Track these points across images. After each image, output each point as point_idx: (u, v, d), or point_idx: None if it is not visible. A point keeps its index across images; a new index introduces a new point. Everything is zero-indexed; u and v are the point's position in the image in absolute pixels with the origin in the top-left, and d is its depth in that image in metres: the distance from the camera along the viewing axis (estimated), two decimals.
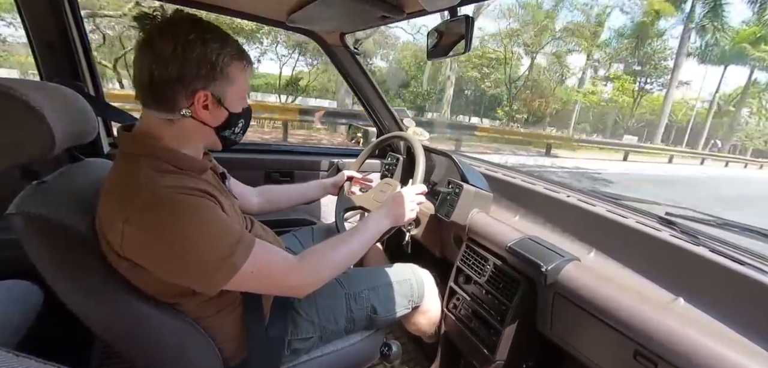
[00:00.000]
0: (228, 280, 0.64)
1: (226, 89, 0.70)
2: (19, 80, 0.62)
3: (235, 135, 0.78)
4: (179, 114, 0.67)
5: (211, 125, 0.72)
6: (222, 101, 0.70)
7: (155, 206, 0.60)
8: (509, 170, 1.44)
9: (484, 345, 1.03)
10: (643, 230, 0.88)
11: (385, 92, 2.64)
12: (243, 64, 0.72)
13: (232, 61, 0.69)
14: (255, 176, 1.59)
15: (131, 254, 0.61)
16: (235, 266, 0.64)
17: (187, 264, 0.62)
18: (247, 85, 0.76)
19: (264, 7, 1.22)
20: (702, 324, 0.68)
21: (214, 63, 0.66)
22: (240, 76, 0.72)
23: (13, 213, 0.62)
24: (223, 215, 0.69)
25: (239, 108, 0.75)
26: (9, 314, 0.88)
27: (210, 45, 0.65)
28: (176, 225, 0.60)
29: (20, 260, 0.69)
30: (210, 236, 0.63)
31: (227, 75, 0.69)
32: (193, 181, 0.69)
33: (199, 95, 0.67)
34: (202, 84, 0.66)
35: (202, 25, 0.66)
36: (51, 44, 1.09)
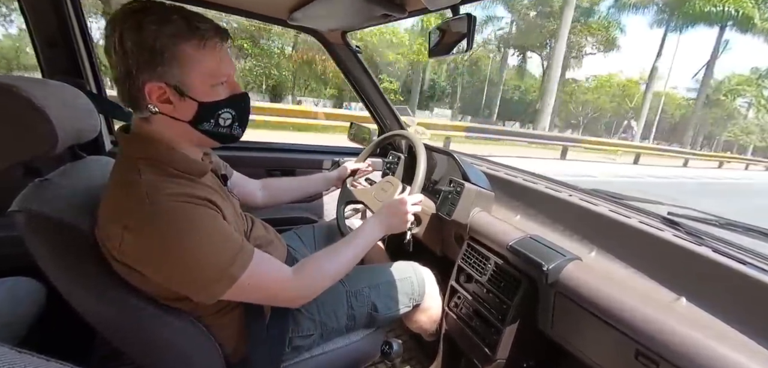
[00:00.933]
0: (225, 291, 0.63)
1: (184, 76, 0.61)
2: (21, 78, 0.62)
3: (222, 128, 0.69)
4: (148, 111, 0.63)
5: (183, 120, 0.65)
6: (182, 90, 0.62)
7: (155, 215, 0.59)
8: (510, 168, 1.44)
9: (485, 344, 1.03)
10: (646, 230, 0.87)
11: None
12: (197, 41, 0.61)
13: (177, 42, 0.59)
14: (256, 175, 1.58)
15: (129, 260, 0.61)
16: (233, 278, 0.63)
17: (185, 274, 0.61)
18: (217, 68, 0.65)
19: (265, 4, 1.22)
20: (704, 325, 0.68)
21: (151, 48, 0.58)
22: (197, 57, 0.62)
23: (16, 210, 0.62)
24: (224, 223, 0.67)
25: (215, 96, 0.66)
26: (11, 311, 0.88)
27: (145, 28, 0.57)
28: (176, 236, 0.59)
29: (23, 258, 0.69)
30: (209, 247, 0.62)
31: (176, 59, 0.60)
32: (193, 186, 0.67)
33: (149, 88, 0.60)
34: (148, 75, 0.59)
35: (140, 11, 0.58)
36: (53, 42, 1.09)
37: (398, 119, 1.79)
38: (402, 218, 0.96)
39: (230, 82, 0.69)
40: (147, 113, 0.64)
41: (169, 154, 0.67)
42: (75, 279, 0.66)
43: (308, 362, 0.93)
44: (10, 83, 0.58)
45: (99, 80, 1.25)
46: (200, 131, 0.67)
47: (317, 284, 0.78)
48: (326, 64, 16.19)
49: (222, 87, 0.67)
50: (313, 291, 0.77)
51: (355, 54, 1.55)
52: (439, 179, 1.49)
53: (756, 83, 28.96)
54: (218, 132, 0.69)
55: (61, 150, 0.65)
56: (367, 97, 1.72)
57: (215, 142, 0.72)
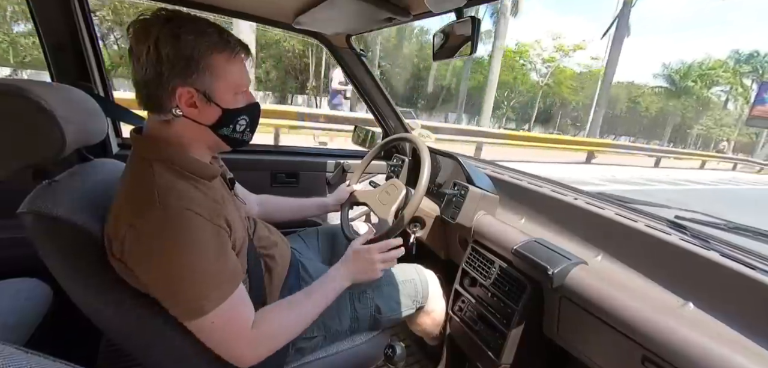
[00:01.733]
0: (190, 320, 0.64)
1: (212, 84, 0.67)
2: (30, 81, 0.63)
3: (237, 134, 0.74)
4: (171, 114, 0.66)
5: (205, 124, 0.69)
6: (210, 96, 0.67)
7: (162, 219, 0.60)
8: (515, 172, 1.43)
9: (489, 348, 1.02)
10: (653, 234, 0.86)
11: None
12: (228, 54, 0.67)
13: (212, 53, 0.65)
14: (261, 177, 1.60)
15: (128, 257, 0.61)
16: (203, 310, 0.63)
17: (168, 285, 0.63)
18: (241, 79, 0.71)
19: (271, 9, 1.23)
20: (712, 330, 0.67)
21: (189, 57, 0.63)
22: (227, 67, 0.68)
23: (24, 212, 0.63)
24: (220, 245, 0.67)
25: (236, 103, 0.71)
26: (19, 311, 0.89)
27: (183, 38, 0.62)
28: (175, 245, 0.61)
29: (30, 259, 0.70)
30: (200, 268, 0.63)
31: (209, 68, 0.65)
32: (204, 194, 0.68)
33: (180, 93, 0.64)
34: (181, 81, 0.64)
35: (177, 20, 0.63)
36: (62, 46, 1.10)
37: (402, 122, 1.79)
38: (370, 269, 0.92)
39: (247, 93, 0.75)
40: (169, 116, 0.67)
41: (183, 156, 0.69)
42: (82, 280, 0.66)
43: (311, 365, 0.93)
44: (20, 86, 0.59)
45: (106, 83, 1.27)
46: (218, 134, 0.72)
47: (274, 342, 0.75)
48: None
49: (241, 96, 0.73)
50: (269, 350, 0.74)
51: (360, 57, 1.55)
52: (444, 182, 1.48)
53: (734, 70, 26.72)
54: (233, 137, 0.74)
55: (69, 153, 0.66)
56: (371, 100, 1.72)
57: (228, 146, 0.76)
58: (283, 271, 0.94)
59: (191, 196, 0.65)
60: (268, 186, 1.60)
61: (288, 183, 1.66)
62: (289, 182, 1.66)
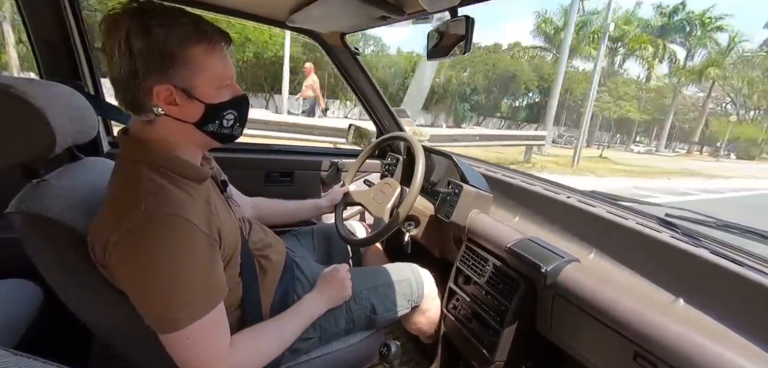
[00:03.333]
0: (163, 333, 0.61)
1: (192, 79, 0.62)
2: (19, 79, 0.62)
3: (225, 129, 0.70)
4: (152, 113, 0.63)
5: (189, 121, 0.66)
6: (190, 92, 0.63)
7: (145, 225, 0.58)
8: (509, 170, 1.44)
9: (483, 346, 1.03)
10: (644, 232, 0.88)
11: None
12: (206, 45, 0.62)
13: (188, 46, 0.61)
14: (255, 177, 1.59)
15: (109, 260, 0.60)
16: (176, 324, 0.60)
17: (144, 293, 0.60)
18: (223, 71, 0.66)
19: (264, 7, 1.22)
20: (702, 326, 0.68)
21: (163, 52, 0.59)
22: (206, 59, 0.63)
23: (13, 212, 0.62)
24: (206, 257, 0.64)
25: (220, 97, 0.67)
26: (8, 313, 0.87)
27: (154, 32, 0.58)
28: (151, 255, 0.58)
29: (19, 259, 0.69)
30: (179, 280, 0.60)
31: (186, 62, 0.61)
32: (195, 194, 0.67)
33: (157, 91, 0.61)
34: (157, 78, 0.60)
35: (149, 13, 0.58)
36: (51, 43, 1.09)
37: (397, 120, 1.79)
38: (341, 285, 0.95)
39: (232, 85, 0.70)
40: (151, 116, 0.64)
41: (171, 158, 0.66)
42: (71, 280, 0.65)
43: (306, 365, 0.93)
44: (8, 84, 0.58)
45: (97, 82, 1.25)
46: (204, 131, 0.68)
47: (251, 365, 0.72)
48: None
49: (226, 89, 0.69)
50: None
51: (354, 56, 1.55)
52: (438, 180, 1.49)
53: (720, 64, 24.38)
54: (221, 133, 0.70)
55: (59, 151, 0.65)
56: (365, 99, 1.72)
57: (217, 142, 0.72)
58: (278, 271, 0.94)
59: (179, 200, 0.63)
60: (262, 185, 1.59)
61: (282, 182, 1.65)
62: (283, 181, 1.66)
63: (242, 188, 1.13)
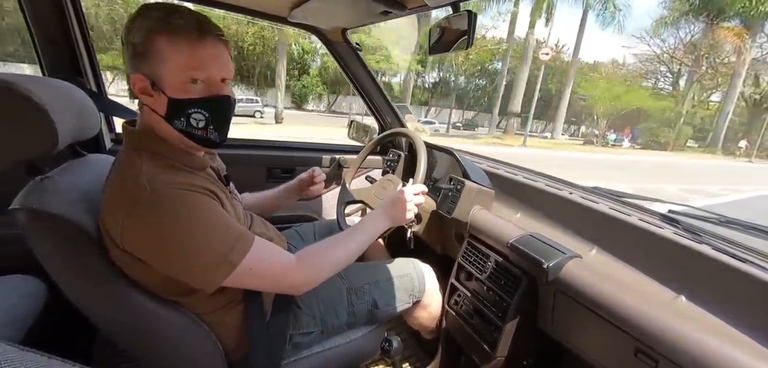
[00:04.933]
0: (226, 277, 0.64)
1: (157, 69, 0.62)
2: (21, 76, 0.62)
3: (194, 130, 0.67)
4: (139, 103, 0.67)
5: (159, 113, 0.66)
6: (157, 84, 0.63)
7: (156, 202, 0.60)
8: (511, 166, 1.44)
9: (484, 342, 1.03)
10: (646, 228, 0.87)
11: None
12: (169, 35, 0.61)
13: (152, 35, 0.61)
14: (256, 173, 1.59)
15: (131, 247, 0.62)
16: (233, 264, 0.64)
17: (185, 261, 0.62)
18: (191, 64, 0.63)
19: (265, 2, 1.22)
20: (704, 322, 0.68)
21: (136, 42, 0.62)
22: (170, 50, 0.61)
23: (17, 208, 0.62)
24: (223, 212, 0.68)
25: (185, 94, 0.64)
26: (13, 309, 0.88)
27: (135, 21, 0.62)
28: (176, 222, 0.61)
29: (24, 256, 0.69)
30: (209, 233, 0.63)
31: (153, 52, 0.61)
32: (193, 177, 0.69)
33: (133, 79, 0.64)
34: (131, 66, 0.64)
35: (144, 8, 0.63)
36: (53, 40, 1.09)
37: (399, 116, 1.78)
38: (404, 209, 0.95)
39: (209, 82, 0.66)
40: (140, 104, 0.68)
41: (169, 145, 0.69)
42: (76, 276, 0.66)
43: (308, 359, 0.93)
44: (10, 81, 0.58)
45: (99, 79, 1.25)
46: (175, 128, 0.67)
47: (320, 271, 0.77)
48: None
49: (198, 85, 0.65)
50: (316, 278, 0.77)
51: (356, 52, 1.55)
52: (440, 177, 1.49)
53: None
54: (191, 133, 0.67)
55: (61, 148, 0.65)
56: (367, 94, 1.72)
57: (192, 142, 0.69)
58: None
59: (181, 179, 0.65)
60: (263, 181, 1.60)
61: (284, 178, 1.65)
62: (284, 177, 1.66)
63: (244, 184, 1.13)
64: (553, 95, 29.50)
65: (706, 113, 29.22)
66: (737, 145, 26.02)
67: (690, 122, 27.22)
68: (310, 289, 0.77)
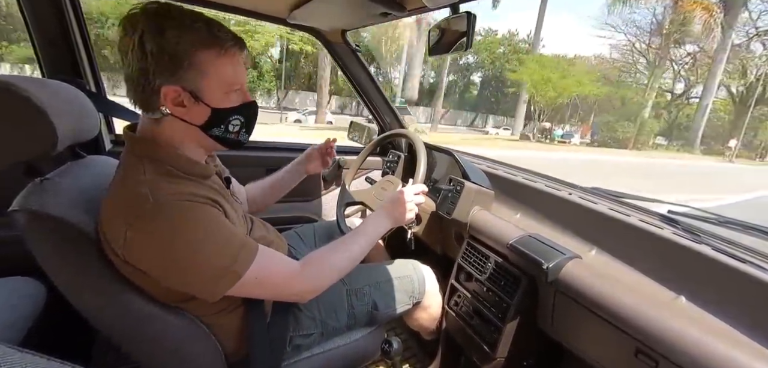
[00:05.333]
0: (230, 287, 0.64)
1: (200, 82, 0.63)
2: (21, 77, 0.62)
3: (230, 134, 0.71)
4: (160, 113, 0.64)
5: (195, 124, 0.67)
6: (198, 95, 0.64)
7: (158, 214, 0.60)
8: (511, 167, 1.44)
9: (484, 342, 1.03)
10: (645, 229, 0.87)
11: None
12: (217, 50, 0.64)
13: (198, 49, 0.62)
14: (256, 173, 1.58)
15: (133, 259, 0.61)
16: (238, 275, 0.64)
17: (188, 273, 0.62)
18: (233, 76, 0.67)
19: (265, 4, 1.22)
20: (703, 323, 0.68)
21: (173, 54, 0.60)
22: (216, 64, 0.64)
23: (17, 210, 0.62)
24: (227, 222, 0.68)
25: (227, 103, 0.68)
26: (12, 310, 0.88)
27: (166, 34, 0.59)
28: (179, 234, 0.60)
29: (23, 257, 0.69)
30: (213, 245, 0.62)
31: (195, 66, 0.62)
32: (197, 187, 0.68)
33: (166, 91, 0.62)
34: (166, 79, 0.61)
35: (164, 14, 0.60)
36: (53, 41, 1.09)
37: (398, 117, 1.79)
38: (405, 209, 0.95)
39: (242, 90, 0.71)
40: (158, 115, 0.65)
41: (175, 156, 0.68)
42: (75, 278, 0.66)
43: (309, 361, 0.93)
44: (9, 82, 0.58)
45: (99, 80, 1.25)
46: (210, 135, 0.69)
47: (325, 278, 0.77)
48: None
49: (235, 95, 0.69)
50: (321, 285, 0.77)
51: (355, 53, 1.55)
52: (440, 177, 1.49)
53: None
54: (226, 138, 0.72)
55: (61, 149, 0.65)
56: (367, 96, 1.72)
57: (222, 147, 0.73)
58: None
59: (184, 190, 0.64)
60: None
61: None
62: None
63: (243, 184, 1.13)
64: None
65: (691, 111, 27.24)
66: (727, 145, 23.81)
67: (660, 115, 24.66)
68: (314, 296, 0.77)
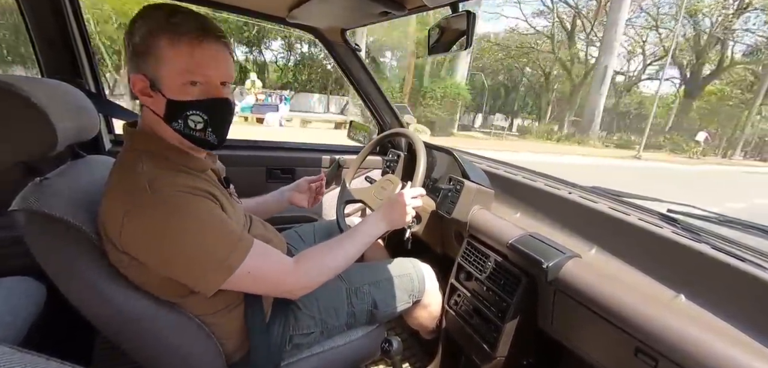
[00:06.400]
0: (224, 280, 0.64)
1: (157, 70, 0.62)
2: (20, 77, 0.62)
3: (192, 131, 0.67)
4: (139, 104, 0.68)
5: (158, 114, 0.66)
6: (155, 83, 0.63)
7: (156, 203, 0.60)
8: (510, 166, 1.44)
9: (484, 342, 1.03)
10: (645, 228, 0.87)
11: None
12: (171, 37, 0.61)
13: (153, 36, 0.61)
14: (256, 174, 1.59)
15: (130, 248, 0.62)
16: (232, 268, 0.64)
17: (184, 263, 0.62)
18: (191, 66, 0.63)
19: (264, 3, 1.22)
20: (703, 322, 0.68)
21: (136, 42, 0.62)
22: (171, 51, 0.61)
23: (16, 210, 0.62)
24: (223, 214, 0.68)
25: (184, 95, 0.64)
26: (12, 310, 0.88)
27: (137, 21, 0.62)
28: (176, 224, 0.61)
29: (23, 257, 0.69)
30: (208, 236, 0.63)
31: (153, 53, 0.61)
32: (194, 180, 0.68)
33: (133, 79, 0.64)
34: (132, 67, 0.64)
35: (145, 8, 0.63)
36: (52, 42, 1.09)
37: (398, 117, 1.79)
38: (402, 213, 0.96)
39: (209, 85, 0.66)
40: (141, 106, 0.68)
41: (169, 147, 0.69)
42: (75, 277, 0.66)
43: (308, 360, 0.93)
44: (9, 82, 0.58)
45: (98, 80, 1.25)
46: (173, 128, 0.67)
47: (318, 276, 0.78)
48: None
49: (196, 87, 0.65)
50: (314, 282, 0.77)
51: (355, 52, 1.55)
52: (439, 177, 1.49)
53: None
54: (190, 134, 0.68)
55: (60, 149, 0.65)
56: (366, 95, 1.72)
57: (190, 144, 0.70)
58: None
59: (181, 181, 0.65)
60: (263, 182, 1.60)
61: (284, 179, 1.65)
62: (284, 178, 1.66)
63: (244, 185, 1.13)
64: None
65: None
66: (694, 139, 18.34)
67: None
68: (306, 293, 0.78)
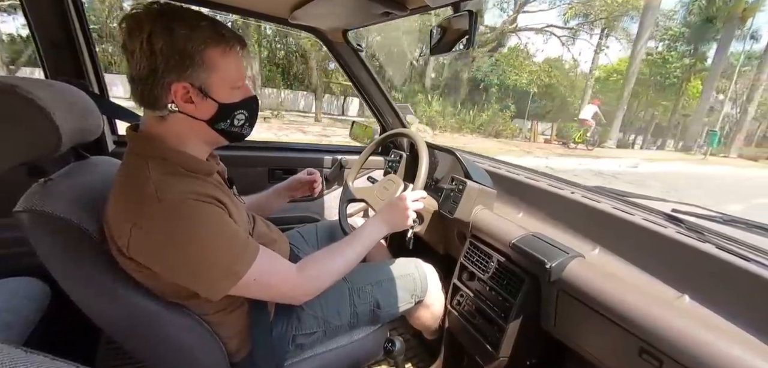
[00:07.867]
0: (231, 287, 0.65)
1: (208, 78, 0.66)
2: (24, 79, 0.63)
3: (234, 128, 0.74)
4: (167, 110, 0.66)
5: (202, 119, 0.69)
6: (206, 91, 0.67)
7: (164, 212, 0.60)
8: (513, 166, 1.43)
9: (487, 342, 1.03)
10: (649, 227, 0.87)
11: None
12: (223, 48, 0.67)
13: (206, 47, 0.64)
14: (258, 174, 1.59)
15: (138, 256, 0.62)
16: (238, 275, 0.65)
17: (192, 271, 0.63)
18: (237, 72, 0.70)
19: (266, 4, 1.22)
20: (708, 321, 0.68)
21: (182, 51, 0.62)
22: (222, 61, 0.67)
23: (21, 211, 0.62)
24: (230, 221, 0.69)
25: (232, 98, 0.71)
26: (17, 311, 0.89)
27: (176, 33, 0.61)
28: (183, 233, 0.61)
29: (27, 258, 0.70)
30: (216, 244, 0.64)
31: (204, 62, 0.65)
32: (201, 185, 0.69)
33: (175, 88, 0.64)
34: (176, 76, 0.63)
35: (170, 14, 0.62)
36: (55, 43, 1.09)
37: (400, 117, 1.78)
38: (403, 215, 0.97)
39: (244, 86, 0.74)
40: (165, 112, 0.66)
41: (178, 152, 0.69)
42: (79, 278, 0.66)
43: (311, 360, 0.93)
44: (13, 84, 0.59)
45: (101, 81, 1.26)
46: (216, 129, 0.71)
47: (320, 282, 0.79)
48: None
49: (238, 90, 0.72)
50: (317, 288, 0.79)
51: (357, 52, 1.55)
52: (442, 177, 1.49)
53: None
54: (231, 131, 0.74)
55: (64, 150, 0.66)
56: (368, 95, 1.72)
57: (226, 140, 0.75)
58: None
59: (189, 188, 0.65)
60: (265, 183, 1.60)
61: (285, 179, 1.66)
62: (286, 179, 1.66)
63: (246, 186, 1.13)
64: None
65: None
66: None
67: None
68: (309, 299, 0.79)
